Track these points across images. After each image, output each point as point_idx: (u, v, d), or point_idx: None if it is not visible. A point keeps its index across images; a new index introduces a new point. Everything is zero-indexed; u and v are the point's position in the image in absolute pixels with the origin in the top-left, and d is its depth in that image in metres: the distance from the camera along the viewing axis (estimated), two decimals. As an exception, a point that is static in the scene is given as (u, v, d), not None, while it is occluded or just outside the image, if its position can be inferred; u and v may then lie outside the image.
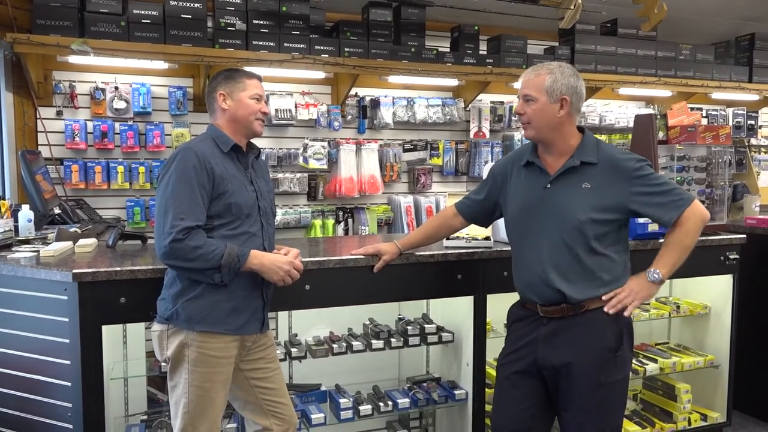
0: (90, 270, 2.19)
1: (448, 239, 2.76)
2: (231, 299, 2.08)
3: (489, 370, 2.90)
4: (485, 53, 4.63)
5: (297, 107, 4.27)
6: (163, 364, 2.14)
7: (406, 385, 3.08)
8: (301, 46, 4.01)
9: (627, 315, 2.10)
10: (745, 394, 3.63)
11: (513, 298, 2.33)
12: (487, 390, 2.87)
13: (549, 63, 2.16)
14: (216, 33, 3.84)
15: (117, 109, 3.93)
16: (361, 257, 2.53)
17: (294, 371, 3.00)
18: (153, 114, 4.03)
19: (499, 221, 2.52)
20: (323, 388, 2.96)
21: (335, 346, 2.80)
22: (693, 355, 3.43)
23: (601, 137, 3.80)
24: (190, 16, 3.74)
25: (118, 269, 2.22)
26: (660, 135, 3.38)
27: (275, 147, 4.32)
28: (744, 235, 3.33)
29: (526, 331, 2.20)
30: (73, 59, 3.64)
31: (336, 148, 4.40)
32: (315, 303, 2.56)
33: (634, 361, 2.93)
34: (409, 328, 2.90)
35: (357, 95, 4.53)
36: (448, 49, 4.55)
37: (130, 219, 3.95)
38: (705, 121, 5.41)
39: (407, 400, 2.87)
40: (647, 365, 3.28)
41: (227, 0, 3.86)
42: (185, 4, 3.74)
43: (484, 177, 2.50)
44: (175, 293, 2.07)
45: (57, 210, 3.20)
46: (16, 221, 2.75)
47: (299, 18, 4.01)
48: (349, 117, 4.52)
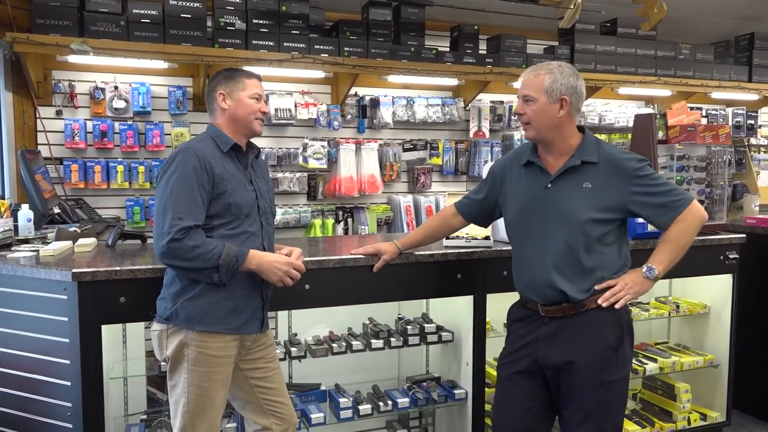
0: (89, 269, 2.19)
1: (447, 239, 2.76)
2: (231, 299, 2.08)
3: (489, 369, 2.90)
4: (485, 53, 4.63)
5: (297, 107, 4.27)
6: (163, 363, 2.15)
7: (405, 385, 3.07)
8: (301, 45, 4.01)
9: (618, 308, 2.09)
10: (745, 393, 3.63)
11: (513, 297, 2.33)
12: (487, 389, 2.87)
13: (548, 63, 2.15)
14: (215, 32, 3.84)
15: (116, 109, 3.93)
16: (361, 257, 2.53)
17: (294, 371, 3.00)
18: (152, 113, 4.03)
19: (499, 221, 2.51)
20: (323, 387, 2.96)
21: (335, 345, 2.80)
22: (692, 355, 3.43)
23: (601, 137, 3.80)
24: (189, 15, 3.74)
25: (117, 269, 2.22)
26: (660, 134, 3.38)
27: (275, 146, 4.32)
28: (744, 235, 3.33)
29: (526, 331, 2.20)
30: (73, 59, 3.64)
31: (336, 147, 4.40)
32: (315, 302, 2.56)
33: (633, 361, 2.93)
34: (409, 327, 2.90)
35: (357, 95, 4.52)
36: (447, 49, 4.54)
37: (129, 218, 3.95)
38: (705, 121, 5.41)
39: (407, 399, 2.87)
40: (647, 365, 3.28)
41: (227, -1, 3.87)
42: (185, 3, 3.73)
43: (483, 177, 2.50)
44: (175, 293, 2.07)
45: (56, 209, 3.19)
46: (15, 221, 2.75)
47: (299, 17, 4.01)
48: (349, 116, 4.52)
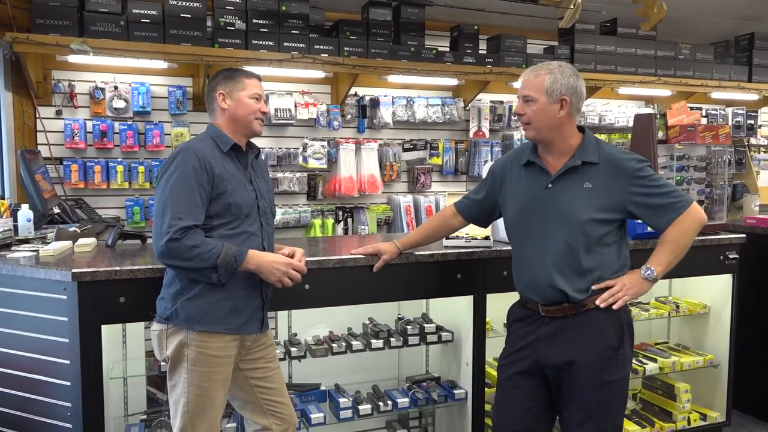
0: (89, 269, 2.19)
1: (447, 239, 2.76)
2: (230, 299, 2.08)
3: (488, 369, 2.90)
4: (485, 53, 4.63)
5: (296, 107, 4.27)
6: (163, 363, 2.14)
7: (405, 385, 3.07)
8: (301, 45, 4.01)
9: (616, 309, 2.09)
10: (745, 393, 3.63)
11: (512, 297, 2.32)
12: (487, 389, 2.87)
13: (549, 63, 2.15)
14: (215, 32, 3.84)
15: (116, 109, 3.93)
16: (361, 257, 2.53)
17: (293, 371, 3.00)
18: (152, 113, 4.03)
19: (499, 221, 2.51)
20: (323, 387, 2.96)
21: (335, 345, 2.80)
22: (692, 355, 3.43)
23: (601, 137, 3.80)
24: (189, 15, 3.74)
25: (117, 269, 2.22)
26: (659, 134, 3.38)
27: (275, 146, 4.32)
28: (743, 235, 3.33)
29: (527, 331, 2.20)
30: (73, 59, 3.64)
31: (335, 147, 4.39)
32: (315, 302, 2.55)
33: (633, 361, 2.93)
34: (409, 327, 2.90)
35: (356, 95, 4.52)
36: (447, 49, 4.54)
37: (129, 218, 3.95)
38: (704, 121, 5.41)
39: (407, 399, 2.87)
40: (647, 365, 3.28)
41: (227, -1, 3.86)
42: (185, 3, 3.73)
43: (483, 176, 2.50)
44: (175, 293, 2.07)
45: (56, 209, 3.19)
46: (15, 221, 2.75)
47: (299, 17, 4.01)
48: (349, 116, 4.51)
